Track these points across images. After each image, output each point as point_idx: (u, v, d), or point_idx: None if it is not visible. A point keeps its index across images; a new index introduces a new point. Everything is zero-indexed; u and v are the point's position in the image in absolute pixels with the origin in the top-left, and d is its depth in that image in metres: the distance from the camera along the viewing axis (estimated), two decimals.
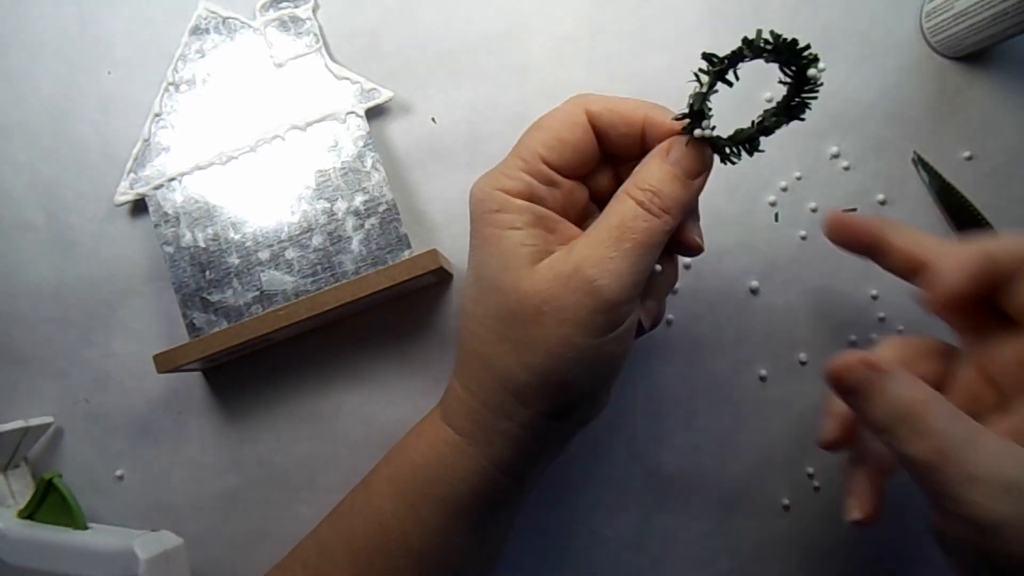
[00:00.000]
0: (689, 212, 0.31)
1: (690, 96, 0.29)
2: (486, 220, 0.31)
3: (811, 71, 0.28)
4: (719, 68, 0.28)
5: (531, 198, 0.30)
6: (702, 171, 0.30)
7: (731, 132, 0.30)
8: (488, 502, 0.32)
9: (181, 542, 0.39)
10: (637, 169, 0.30)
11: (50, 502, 0.39)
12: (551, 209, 0.31)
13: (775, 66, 0.28)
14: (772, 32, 0.27)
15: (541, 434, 0.31)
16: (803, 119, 0.29)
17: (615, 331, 0.29)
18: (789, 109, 0.29)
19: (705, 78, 0.28)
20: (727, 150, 0.30)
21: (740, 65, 0.28)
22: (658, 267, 0.32)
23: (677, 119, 0.30)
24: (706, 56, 0.28)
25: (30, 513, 0.39)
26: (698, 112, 0.29)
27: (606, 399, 0.33)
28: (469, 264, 0.32)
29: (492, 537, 0.34)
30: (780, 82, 0.29)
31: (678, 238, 0.31)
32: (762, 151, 0.30)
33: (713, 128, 0.29)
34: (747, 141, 0.30)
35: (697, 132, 0.29)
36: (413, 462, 0.33)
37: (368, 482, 0.34)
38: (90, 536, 0.38)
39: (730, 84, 0.29)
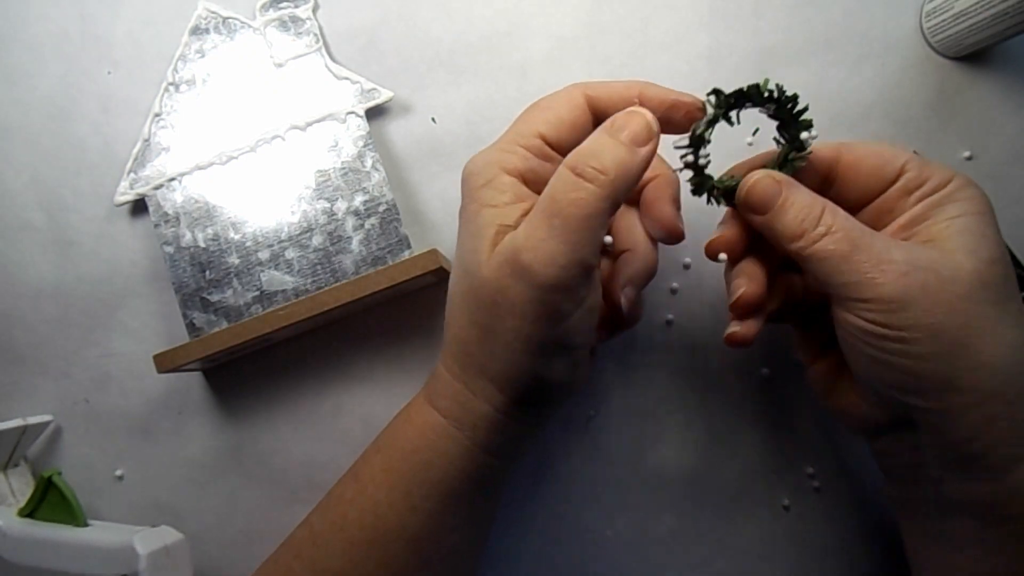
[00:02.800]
0: (636, 185, 0.30)
1: (695, 124, 0.30)
2: (471, 196, 0.30)
3: (804, 135, 0.30)
4: (723, 105, 0.30)
5: (525, 172, 0.30)
6: (649, 139, 0.29)
7: (723, 175, 0.31)
8: (477, 482, 0.32)
9: (182, 537, 0.38)
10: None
11: (50, 500, 0.39)
12: (546, 183, 0.30)
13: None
14: (778, 85, 0.29)
15: (520, 418, 0.31)
16: None
17: (566, 320, 0.28)
18: (779, 168, 0.31)
19: (711, 110, 0.30)
20: (712, 188, 0.32)
21: (743, 109, 0.30)
22: (608, 239, 0.31)
23: (677, 147, 0.31)
24: (715, 91, 0.30)
25: (30, 511, 0.39)
26: (698, 138, 0.30)
27: (582, 382, 0.32)
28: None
29: (483, 514, 0.35)
30: (775, 139, 0.31)
31: (653, 216, 0.31)
32: (735, 206, 0.32)
33: (707, 155, 0.31)
34: (728, 192, 0.31)
35: (688, 159, 0.31)
36: (404, 449, 0.33)
37: (359, 471, 0.34)
38: (91, 533, 0.38)
39: (731, 123, 0.30)
